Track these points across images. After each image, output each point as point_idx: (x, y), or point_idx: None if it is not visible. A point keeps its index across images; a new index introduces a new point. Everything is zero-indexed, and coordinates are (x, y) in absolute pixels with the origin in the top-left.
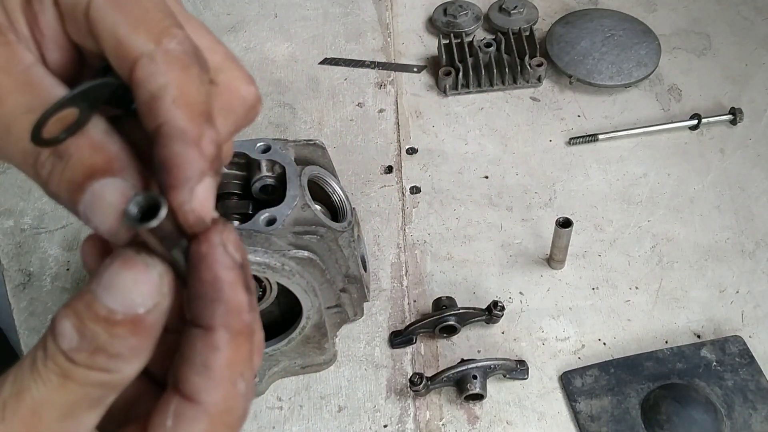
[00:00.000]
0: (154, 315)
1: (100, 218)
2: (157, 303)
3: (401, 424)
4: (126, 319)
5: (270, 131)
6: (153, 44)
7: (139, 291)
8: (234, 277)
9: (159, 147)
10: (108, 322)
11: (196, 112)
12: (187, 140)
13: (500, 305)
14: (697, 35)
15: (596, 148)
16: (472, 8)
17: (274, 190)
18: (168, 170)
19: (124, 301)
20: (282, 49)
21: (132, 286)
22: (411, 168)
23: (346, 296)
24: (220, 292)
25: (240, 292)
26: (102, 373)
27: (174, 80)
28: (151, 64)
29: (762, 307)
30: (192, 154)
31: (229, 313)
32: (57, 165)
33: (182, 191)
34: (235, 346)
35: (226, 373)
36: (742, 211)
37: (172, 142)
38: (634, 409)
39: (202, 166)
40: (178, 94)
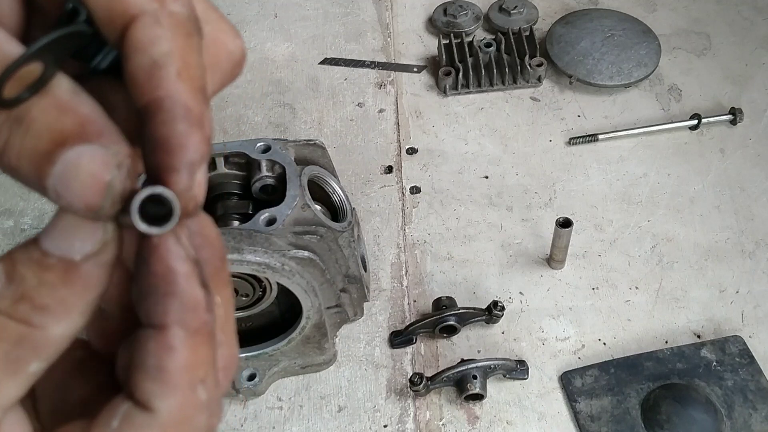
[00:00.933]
0: (91, 266)
1: (78, 192)
2: (97, 252)
3: (401, 424)
4: (59, 264)
5: (270, 131)
6: (156, 3)
7: (79, 234)
8: (189, 270)
9: (158, 123)
10: (39, 265)
11: (199, 88)
12: (192, 120)
13: (500, 305)
14: (697, 35)
15: (596, 148)
16: (472, 8)
17: (274, 190)
18: (168, 151)
19: (60, 244)
20: (282, 49)
21: (73, 228)
22: (411, 168)
23: (346, 296)
24: (173, 285)
25: (196, 287)
26: (23, 325)
27: (178, 49)
28: (155, 26)
29: (762, 307)
30: (197, 135)
31: (184, 308)
32: (15, 132)
33: (184, 176)
34: (192, 346)
35: (184, 377)
36: (742, 211)
37: (176, 119)
38: (634, 409)
39: (204, 149)
40: (182, 66)
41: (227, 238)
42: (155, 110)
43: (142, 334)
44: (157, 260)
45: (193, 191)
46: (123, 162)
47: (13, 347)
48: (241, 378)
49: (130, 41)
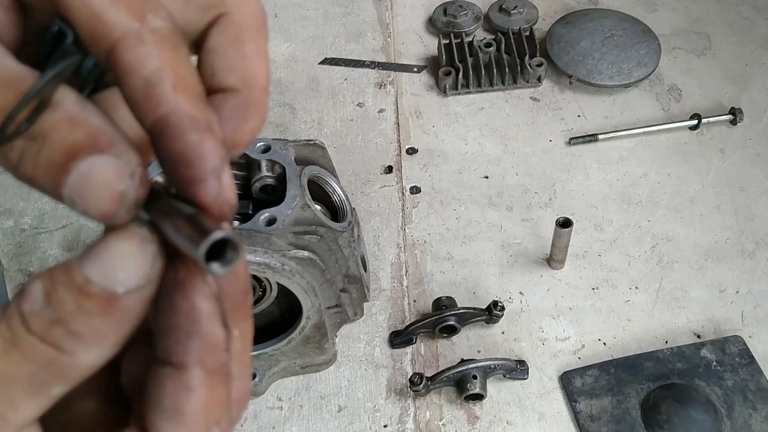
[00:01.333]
0: (132, 300)
1: (92, 201)
2: (141, 287)
3: (401, 424)
4: (100, 293)
5: (270, 131)
6: (137, 22)
7: (125, 266)
8: (213, 309)
9: (170, 140)
10: (80, 292)
11: (198, 95)
12: (201, 128)
13: (500, 305)
14: (697, 35)
15: (596, 148)
16: (472, 8)
17: (274, 190)
18: (189, 164)
19: (105, 274)
20: (282, 49)
21: (119, 258)
22: (411, 168)
23: (346, 296)
24: (197, 325)
25: (218, 326)
26: (54, 350)
27: (168, 64)
28: (140, 45)
29: (762, 307)
30: (210, 141)
31: (205, 348)
32: (30, 147)
33: (212, 184)
34: (211, 388)
35: (200, 419)
36: (742, 211)
37: (185, 132)
38: (634, 409)
39: (222, 152)
40: (176, 79)
41: None
42: (163, 128)
43: (161, 372)
44: (182, 297)
45: (224, 195)
46: (135, 171)
47: (40, 369)
48: None
49: (119, 65)
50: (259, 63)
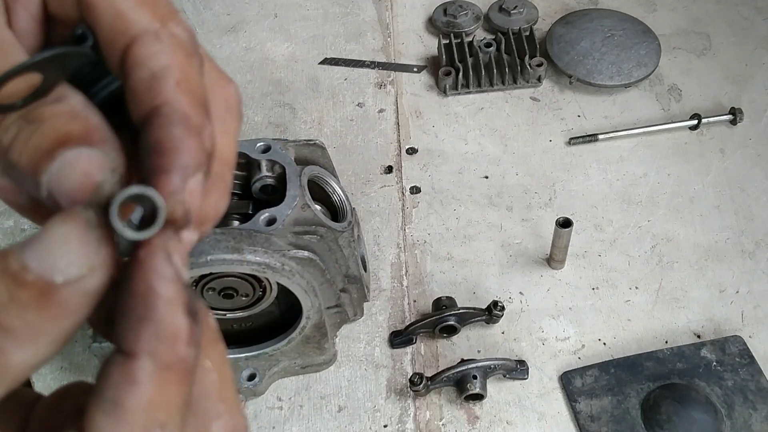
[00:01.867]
0: (72, 292)
1: (68, 188)
2: (82, 277)
3: (401, 424)
4: (36, 282)
5: (270, 131)
6: (158, 24)
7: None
8: (173, 294)
9: (154, 128)
10: (14, 281)
11: (199, 102)
12: (189, 126)
13: (500, 305)
14: (697, 35)
15: (596, 148)
16: (472, 8)
17: (274, 190)
18: (162, 153)
19: (42, 260)
20: (282, 49)
21: (60, 243)
22: (411, 168)
23: (346, 296)
24: (151, 309)
25: (179, 314)
26: None
27: (178, 64)
28: (155, 42)
29: (762, 307)
30: (193, 141)
31: (159, 337)
32: (24, 130)
33: (174, 178)
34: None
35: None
36: (742, 211)
37: (172, 124)
38: (634, 409)
39: (200, 158)
40: (182, 78)
41: (227, 238)
42: (153, 117)
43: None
44: (138, 278)
45: (182, 196)
46: (117, 168)
47: None
48: (241, 378)
49: (131, 57)
50: (224, 139)
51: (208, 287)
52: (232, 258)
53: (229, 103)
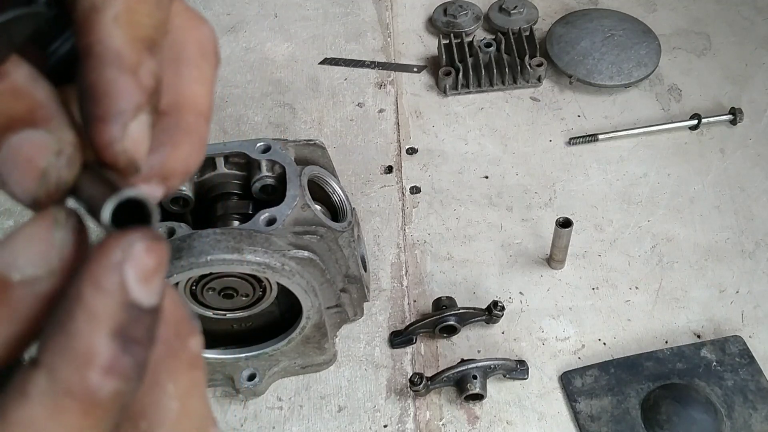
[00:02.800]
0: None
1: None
2: (38, 278)
3: (401, 424)
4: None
5: (270, 131)
6: None
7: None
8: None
9: (86, 70)
10: None
11: (140, 36)
12: (122, 65)
13: (500, 305)
14: (697, 35)
15: (596, 148)
16: (472, 8)
17: (274, 190)
18: (96, 99)
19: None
20: (282, 49)
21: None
22: (411, 168)
23: (346, 296)
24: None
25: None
26: None
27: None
28: None
29: (762, 307)
30: (127, 81)
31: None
32: None
33: (113, 126)
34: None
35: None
36: (742, 211)
37: (103, 65)
38: (634, 409)
39: (138, 99)
40: (122, 10)
41: (227, 238)
42: (85, 56)
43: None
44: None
45: (123, 144)
46: (64, 149)
47: None
48: (241, 378)
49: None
50: (197, 87)
51: (208, 287)
52: (232, 258)
53: (203, 47)
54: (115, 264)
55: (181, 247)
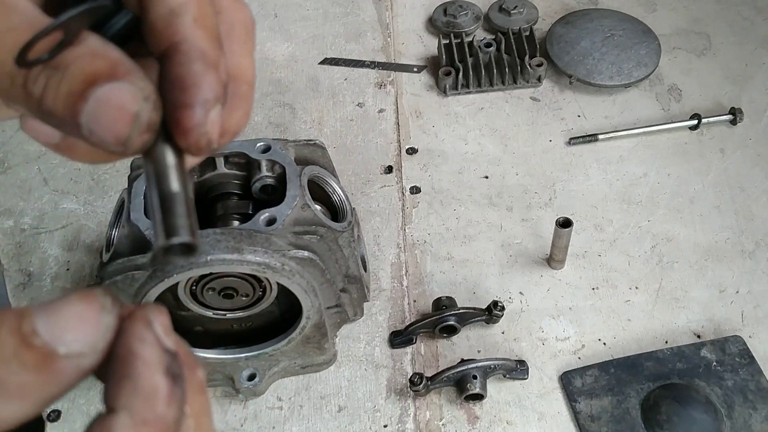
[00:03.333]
0: (69, 364)
1: (107, 124)
2: (82, 354)
3: (401, 424)
4: (41, 348)
5: (270, 131)
6: None
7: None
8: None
9: (175, 65)
10: (23, 341)
11: (215, 35)
12: (208, 61)
13: (500, 305)
14: (697, 35)
15: (596, 148)
16: (472, 8)
17: (274, 190)
18: (185, 89)
19: (52, 329)
20: (282, 49)
21: (71, 320)
22: (411, 168)
23: (346, 296)
24: (130, 368)
25: (158, 374)
26: None
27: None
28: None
29: (762, 307)
30: (212, 75)
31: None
32: (53, 78)
33: (198, 111)
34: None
35: None
36: (742, 211)
37: (192, 60)
38: (634, 409)
39: (218, 91)
40: (198, 15)
41: (227, 238)
42: (173, 53)
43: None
44: (121, 342)
45: (206, 128)
46: (149, 96)
47: None
48: (241, 378)
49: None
50: (245, 60)
51: (208, 287)
52: (232, 258)
53: (246, 26)
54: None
55: None
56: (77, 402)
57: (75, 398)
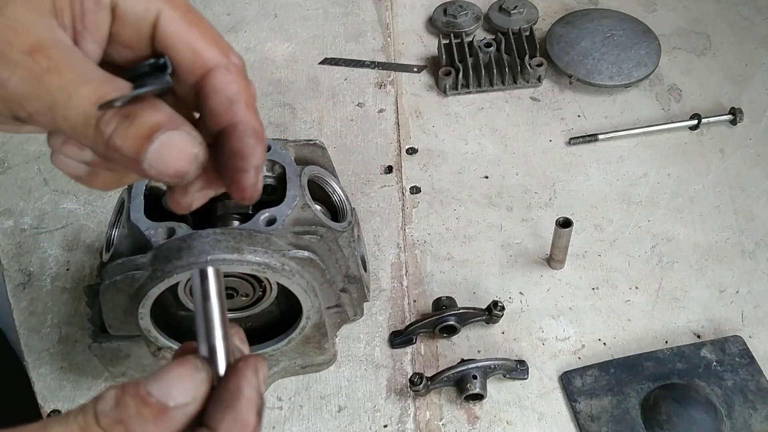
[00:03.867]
0: (179, 413)
1: (171, 162)
2: (186, 404)
3: (401, 424)
4: (156, 404)
5: (270, 131)
6: (224, 58)
7: (178, 386)
8: (253, 397)
9: (235, 140)
10: (142, 401)
11: (257, 115)
12: (259, 137)
13: (500, 305)
14: (697, 35)
15: (596, 148)
16: (472, 8)
17: (274, 190)
18: (244, 158)
19: (162, 390)
20: (282, 49)
21: (175, 380)
22: (411, 168)
23: (346, 296)
24: (237, 402)
25: (252, 413)
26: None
27: (243, 88)
28: (226, 74)
29: (762, 307)
30: (261, 147)
31: (237, 422)
32: (123, 123)
33: (252, 174)
34: None
35: None
36: (742, 211)
37: (248, 136)
38: (634, 409)
39: (264, 158)
40: (248, 100)
41: (227, 238)
42: (233, 131)
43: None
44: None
45: (257, 186)
46: (202, 142)
47: None
48: None
49: (209, 86)
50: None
51: None
52: (232, 258)
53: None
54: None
55: (181, 247)
56: (77, 402)
57: (75, 398)
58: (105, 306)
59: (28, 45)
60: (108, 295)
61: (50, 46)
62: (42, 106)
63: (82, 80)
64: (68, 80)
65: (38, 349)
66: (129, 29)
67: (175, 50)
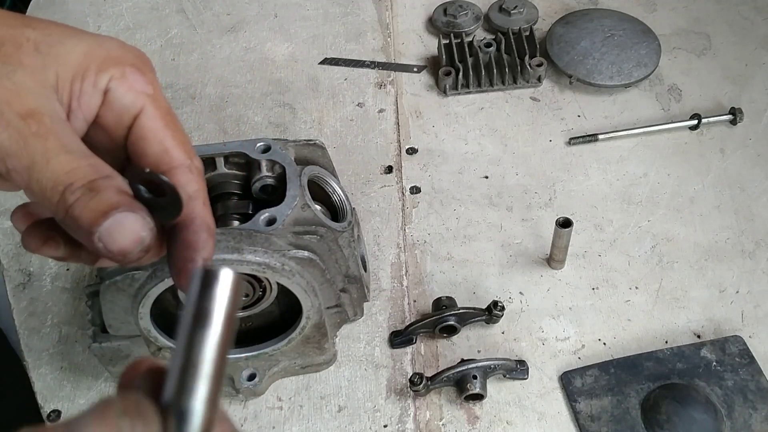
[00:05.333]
0: None
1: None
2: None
3: (401, 424)
4: None
5: (270, 131)
6: (188, 160)
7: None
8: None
9: (190, 232)
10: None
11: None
12: (211, 233)
13: (500, 305)
14: (697, 35)
15: (596, 148)
16: (472, 8)
17: (274, 190)
18: (196, 250)
19: None
20: (282, 49)
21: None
22: (411, 168)
23: (346, 296)
24: None
25: None
26: None
27: (201, 188)
28: (188, 173)
29: (762, 307)
30: (212, 241)
31: None
32: (86, 195)
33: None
34: None
35: None
36: (742, 211)
37: (202, 231)
38: (634, 409)
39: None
40: (204, 199)
41: (227, 238)
42: (189, 224)
43: None
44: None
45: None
46: (153, 229)
47: None
48: (241, 378)
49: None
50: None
51: None
52: (232, 258)
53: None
54: None
55: None
56: (77, 402)
57: (75, 398)
58: (105, 306)
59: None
60: (108, 295)
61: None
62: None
63: (64, 150)
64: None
65: (38, 349)
66: (113, 115)
67: (148, 143)
